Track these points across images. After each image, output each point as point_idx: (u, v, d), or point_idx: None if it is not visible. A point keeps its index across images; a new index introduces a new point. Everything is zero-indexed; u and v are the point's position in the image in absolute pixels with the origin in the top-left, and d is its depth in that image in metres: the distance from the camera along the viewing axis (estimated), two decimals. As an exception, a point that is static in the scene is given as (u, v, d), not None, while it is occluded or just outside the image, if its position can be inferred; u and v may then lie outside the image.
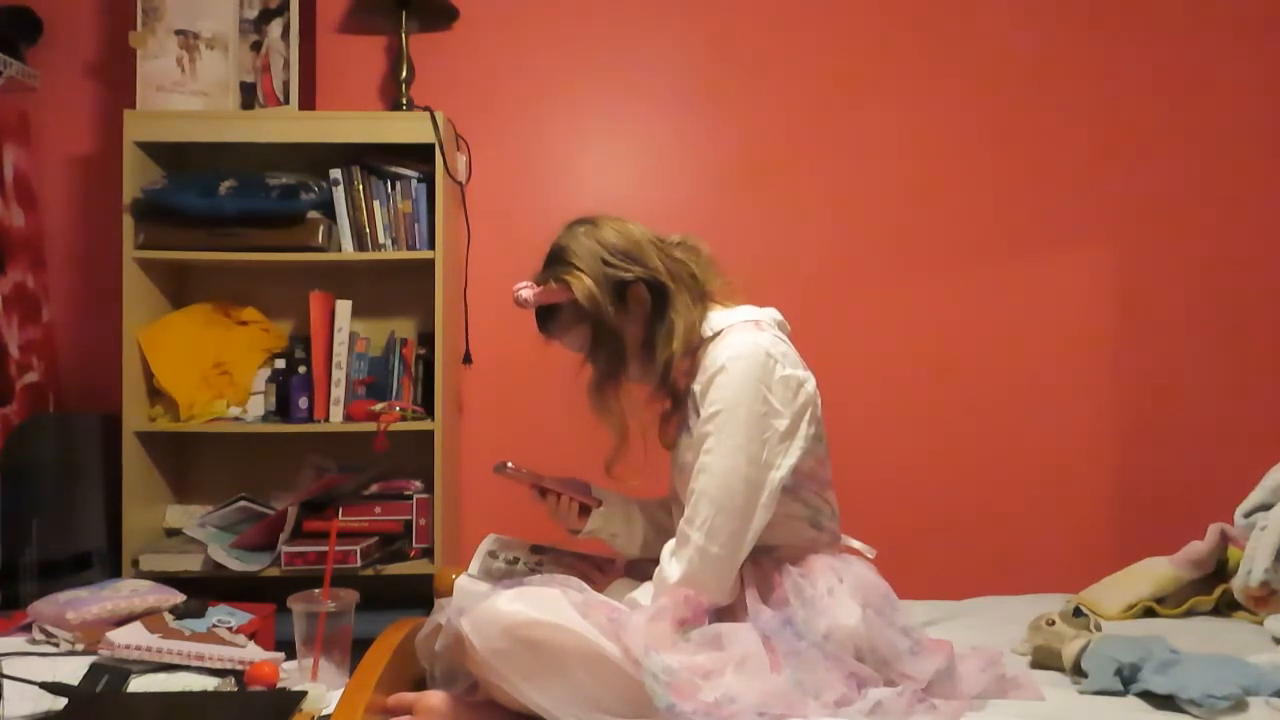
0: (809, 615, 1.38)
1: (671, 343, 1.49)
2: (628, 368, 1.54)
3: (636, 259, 1.51)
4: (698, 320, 1.51)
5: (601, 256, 1.50)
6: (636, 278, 1.50)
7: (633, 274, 1.50)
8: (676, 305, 1.50)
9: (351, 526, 2.31)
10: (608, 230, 1.53)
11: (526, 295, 1.54)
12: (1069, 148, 2.66)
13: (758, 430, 1.40)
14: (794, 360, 1.46)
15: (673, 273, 1.52)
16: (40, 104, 2.59)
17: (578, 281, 1.49)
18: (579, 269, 1.50)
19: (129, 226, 2.34)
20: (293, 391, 2.41)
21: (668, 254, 1.54)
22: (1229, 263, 2.66)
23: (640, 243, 1.53)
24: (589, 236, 1.52)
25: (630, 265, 1.50)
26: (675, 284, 1.52)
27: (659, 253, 1.53)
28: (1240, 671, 1.41)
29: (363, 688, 1.30)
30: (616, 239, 1.52)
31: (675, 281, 1.52)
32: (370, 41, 2.65)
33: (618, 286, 1.50)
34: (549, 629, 1.27)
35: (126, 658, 1.52)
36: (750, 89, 2.67)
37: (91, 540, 2.33)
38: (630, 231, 1.54)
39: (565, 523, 1.63)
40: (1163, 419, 2.65)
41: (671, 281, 1.51)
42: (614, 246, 1.51)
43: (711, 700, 1.24)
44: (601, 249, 1.51)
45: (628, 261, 1.50)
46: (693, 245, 1.58)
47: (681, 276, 1.53)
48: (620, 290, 1.50)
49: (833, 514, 1.55)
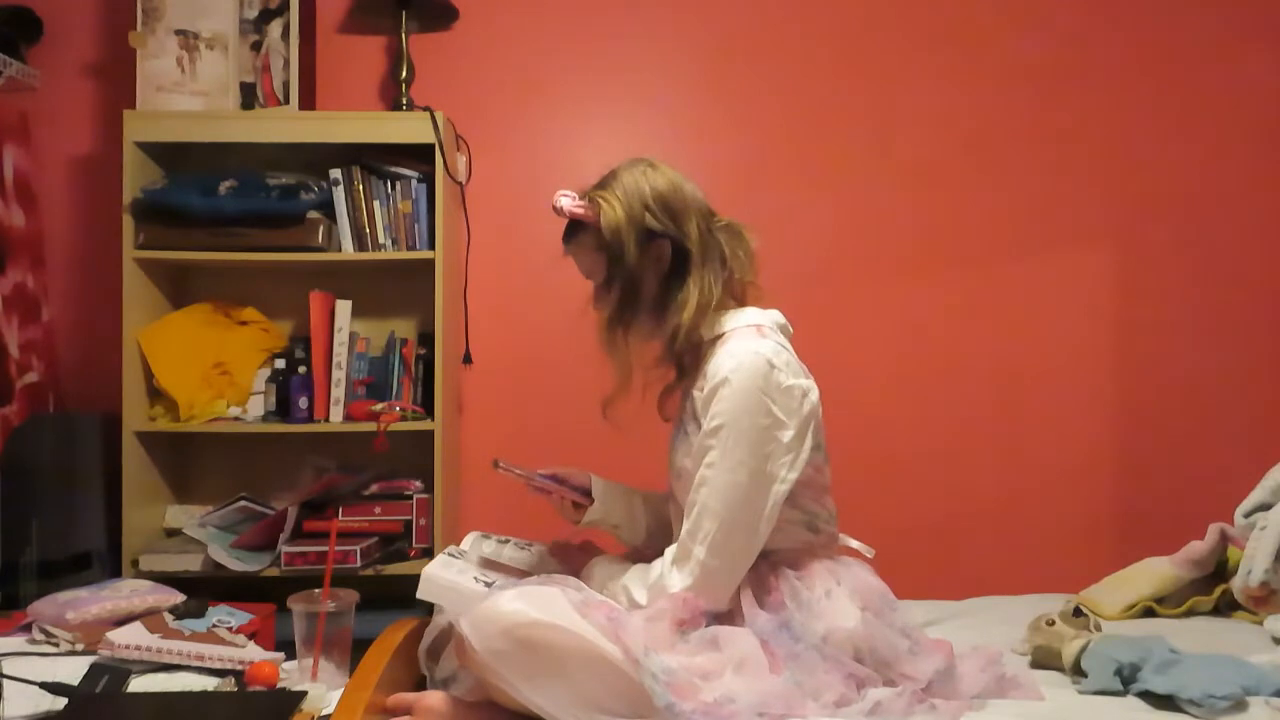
0: (806, 619, 1.38)
1: (682, 311, 1.47)
2: (638, 316, 1.51)
3: (676, 216, 1.48)
4: (714, 302, 1.49)
5: (644, 198, 1.48)
6: (667, 233, 1.48)
7: (665, 228, 1.48)
8: (696, 276, 1.48)
9: (351, 526, 2.31)
10: (662, 178, 1.51)
11: (565, 203, 1.51)
12: (1070, 148, 2.66)
13: (760, 444, 1.39)
14: (797, 369, 1.45)
15: (705, 246, 1.50)
16: (40, 104, 2.59)
17: (609, 209, 1.47)
18: (618, 199, 1.48)
19: (129, 226, 2.34)
20: (293, 391, 2.41)
21: (710, 228, 1.52)
22: (1229, 263, 2.66)
23: (687, 203, 1.50)
24: (644, 176, 1.50)
25: (665, 219, 1.48)
26: (702, 257, 1.49)
27: (701, 222, 1.51)
28: (1240, 671, 1.41)
29: (363, 688, 1.30)
30: (666, 189, 1.49)
31: (704, 254, 1.49)
32: (370, 41, 2.65)
33: (647, 233, 1.48)
34: (548, 629, 1.26)
35: (126, 658, 1.52)
36: (751, 89, 2.67)
37: (91, 540, 2.33)
38: (684, 189, 1.51)
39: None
40: (1163, 419, 2.65)
41: (700, 253, 1.49)
42: (660, 195, 1.48)
43: (711, 700, 1.24)
44: (648, 192, 1.48)
45: (666, 214, 1.48)
46: (737, 231, 1.55)
47: (712, 254, 1.50)
48: (647, 237, 1.48)
49: (830, 517, 1.54)
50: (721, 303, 1.51)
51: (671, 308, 1.49)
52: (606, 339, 1.51)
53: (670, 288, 1.49)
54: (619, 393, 1.53)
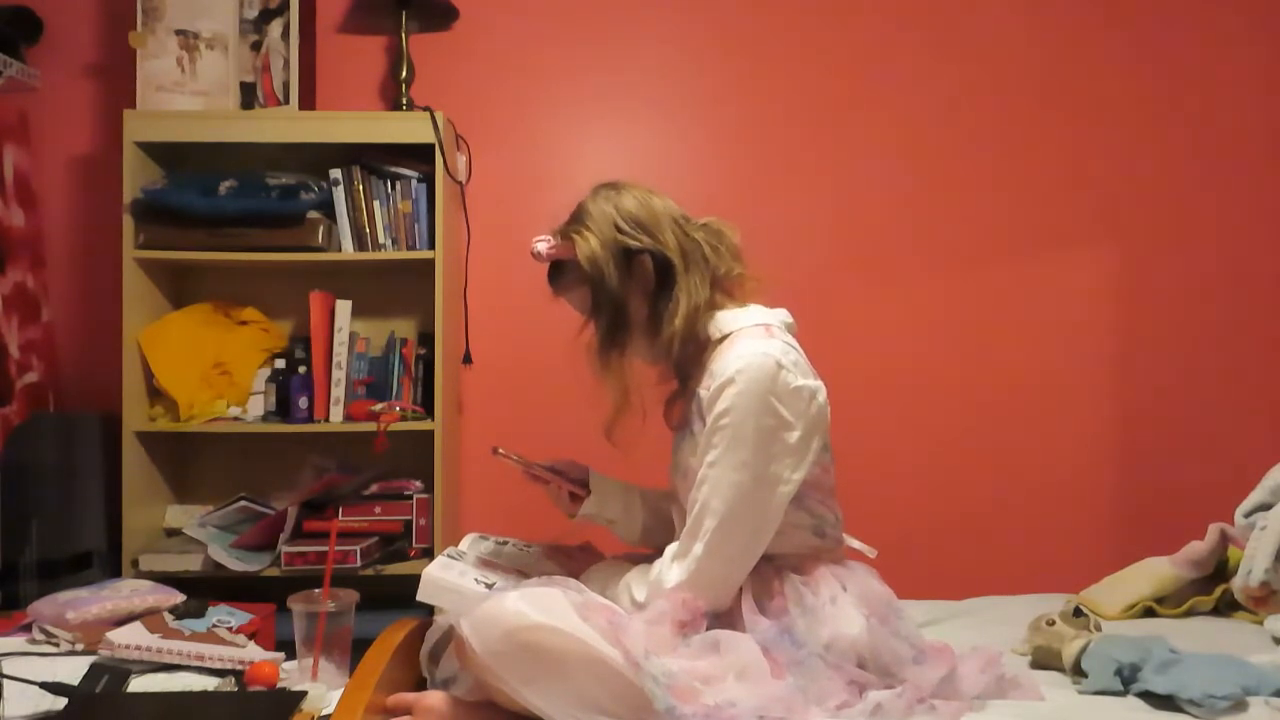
0: (810, 624, 1.37)
1: (675, 320, 1.47)
2: (630, 337, 1.51)
3: (649, 230, 1.49)
4: (703, 304, 1.49)
5: (615, 221, 1.49)
6: (644, 248, 1.48)
7: (641, 244, 1.48)
8: (682, 284, 1.48)
9: (351, 526, 2.31)
10: (628, 197, 1.51)
11: (541, 249, 1.53)
12: (1071, 148, 2.66)
13: (765, 445, 1.38)
14: (805, 369, 1.44)
15: (685, 251, 1.50)
16: (40, 104, 2.59)
17: (583, 241, 1.48)
18: (589, 229, 1.49)
19: (129, 226, 2.34)
20: (293, 391, 2.41)
21: (686, 232, 1.52)
22: (1230, 263, 2.66)
23: (658, 215, 1.51)
24: (608, 201, 1.51)
25: (641, 235, 1.48)
26: (685, 262, 1.49)
27: (677, 229, 1.51)
28: (1240, 671, 1.41)
29: (363, 688, 1.30)
30: (634, 207, 1.50)
31: (685, 260, 1.49)
32: (370, 41, 2.65)
33: (625, 254, 1.48)
34: (549, 632, 1.26)
35: (126, 658, 1.52)
36: (751, 89, 2.67)
37: (91, 540, 2.33)
38: (651, 203, 1.52)
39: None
40: (1163, 419, 2.65)
41: (681, 259, 1.49)
42: (630, 214, 1.49)
43: (712, 704, 1.23)
44: (617, 214, 1.49)
45: (639, 231, 1.49)
46: (716, 229, 1.55)
47: (694, 256, 1.51)
48: (627, 258, 1.49)
49: (836, 522, 1.53)
50: (714, 301, 1.51)
51: (664, 319, 1.49)
52: (600, 365, 1.51)
53: (659, 301, 1.50)
54: (618, 417, 1.52)
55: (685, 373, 1.54)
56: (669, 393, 1.60)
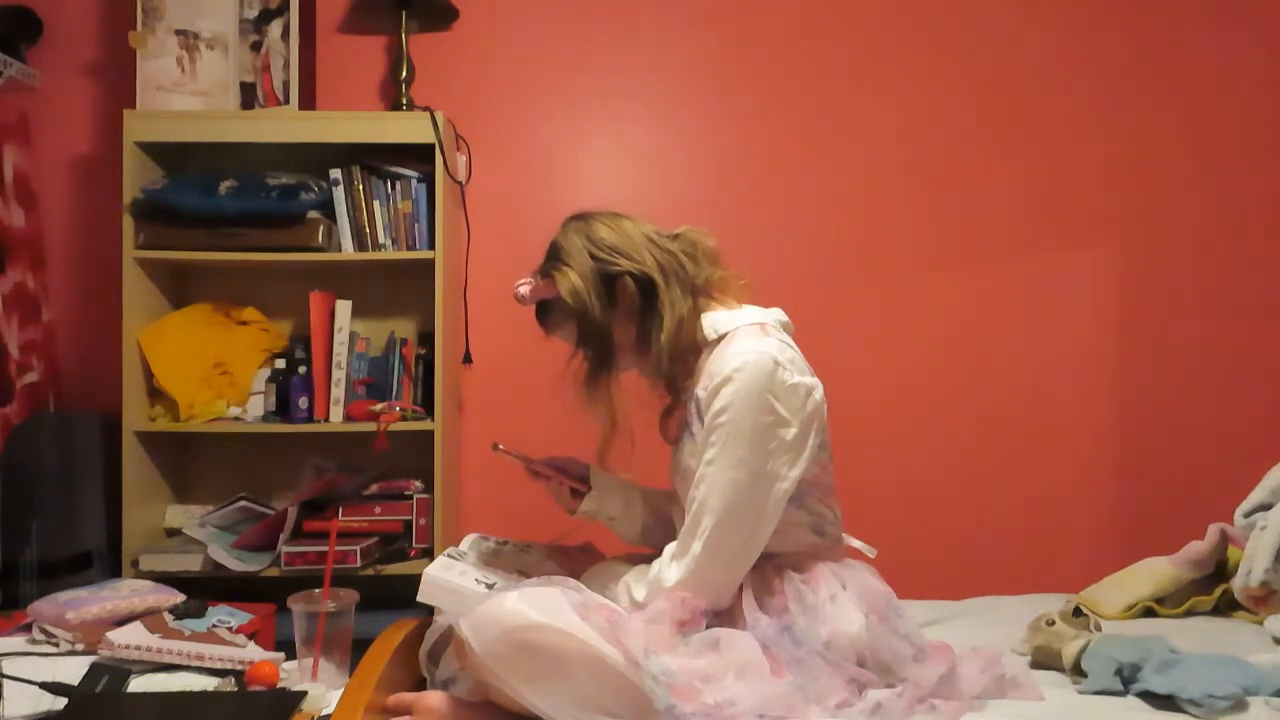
0: (810, 622, 1.38)
1: (663, 335, 1.48)
2: (617, 362, 1.53)
3: (625, 253, 1.51)
4: (688, 313, 1.50)
5: (590, 251, 1.51)
6: (624, 270, 1.50)
7: (620, 267, 1.50)
8: (665, 298, 1.50)
9: (351, 526, 2.31)
10: (598, 225, 1.53)
11: (523, 292, 1.57)
12: (1072, 148, 2.66)
13: (763, 442, 1.39)
14: (802, 367, 1.45)
15: (663, 266, 1.51)
16: (40, 104, 2.59)
17: (563, 277, 1.50)
18: (567, 265, 1.51)
19: (129, 226, 2.34)
20: (293, 391, 2.41)
21: (661, 247, 1.53)
22: (1230, 263, 2.66)
23: (631, 237, 1.53)
24: (579, 233, 1.53)
25: (618, 259, 1.50)
26: (664, 277, 1.51)
27: (652, 246, 1.53)
28: (1240, 671, 1.41)
29: (363, 688, 1.30)
30: (606, 233, 1.52)
31: (665, 275, 1.51)
32: (370, 41, 2.65)
33: (606, 280, 1.50)
34: (548, 632, 1.26)
35: (126, 658, 1.52)
36: (751, 89, 2.67)
37: (91, 540, 2.33)
38: (623, 226, 1.54)
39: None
40: (1163, 419, 2.65)
41: (660, 275, 1.50)
42: (602, 241, 1.51)
43: (712, 703, 1.23)
44: (590, 244, 1.51)
45: (615, 255, 1.51)
46: (691, 238, 1.57)
47: (672, 270, 1.52)
48: (608, 284, 1.50)
49: (835, 520, 1.53)
50: (700, 307, 1.52)
51: (652, 336, 1.50)
52: (587, 394, 1.52)
53: (646, 318, 1.51)
54: (608, 441, 1.53)
55: (680, 385, 1.54)
56: (663, 407, 1.60)
